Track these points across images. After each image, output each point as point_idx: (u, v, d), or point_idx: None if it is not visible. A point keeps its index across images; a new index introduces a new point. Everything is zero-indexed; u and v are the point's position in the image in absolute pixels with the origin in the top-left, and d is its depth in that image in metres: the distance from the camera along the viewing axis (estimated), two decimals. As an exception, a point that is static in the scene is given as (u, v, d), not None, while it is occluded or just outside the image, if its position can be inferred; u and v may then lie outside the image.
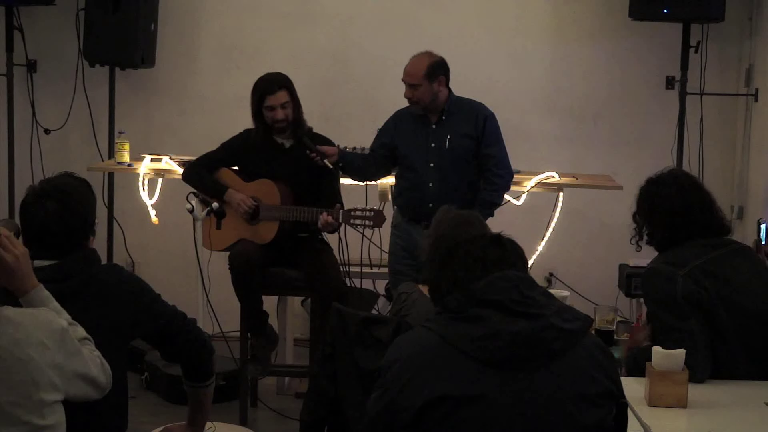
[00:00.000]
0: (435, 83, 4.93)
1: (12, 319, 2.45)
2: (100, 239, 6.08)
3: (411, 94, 4.96)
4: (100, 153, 6.44)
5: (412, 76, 4.95)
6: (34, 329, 2.46)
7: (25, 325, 2.45)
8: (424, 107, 4.98)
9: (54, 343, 2.47)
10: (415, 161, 5.02)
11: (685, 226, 3.38)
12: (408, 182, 5.07)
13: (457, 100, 5.05)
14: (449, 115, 5.01)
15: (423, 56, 4.98)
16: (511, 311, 2.36)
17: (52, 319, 2.52)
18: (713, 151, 6.30)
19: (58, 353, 2.47)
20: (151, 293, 3.01)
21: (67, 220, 2.83)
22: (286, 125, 4.92)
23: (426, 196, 4.95)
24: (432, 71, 4.92)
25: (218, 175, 5.05)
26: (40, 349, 2.44)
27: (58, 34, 6.43)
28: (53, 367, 2.46)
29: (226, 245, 5.04)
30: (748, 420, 2.93)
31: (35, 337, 2.44)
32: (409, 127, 5.05)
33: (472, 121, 5.00)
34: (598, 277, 6.05)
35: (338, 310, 3.29)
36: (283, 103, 4.89)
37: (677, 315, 3.22)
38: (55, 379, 2.46)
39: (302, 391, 5.19)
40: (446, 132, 4.99)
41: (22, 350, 2.41)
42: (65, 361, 2.49)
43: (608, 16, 6.28)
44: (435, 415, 2.32)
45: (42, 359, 2.43)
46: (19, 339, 2.42)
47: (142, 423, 4.67)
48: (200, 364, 3.14)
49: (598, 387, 2.39)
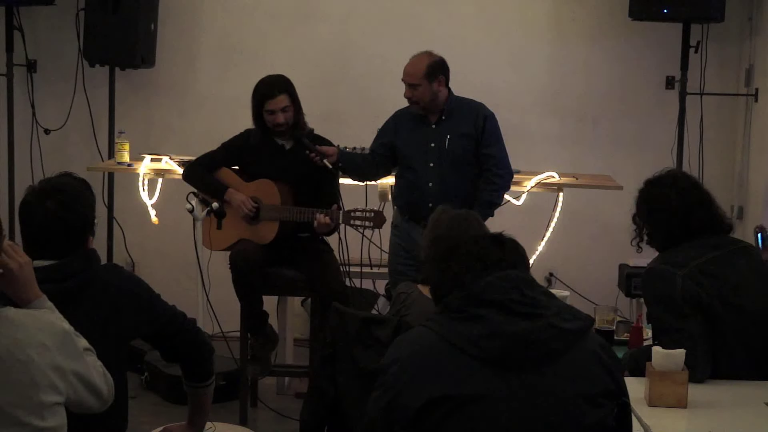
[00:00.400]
0: (435, 83, 4.93)
1: (13, 320, 2.44)
2: (100, 239, 6.11)
3: (410, 93, 4.96)
4: (100, 153, 6.44)
5: (411, 75, 4.95)
6: (36, 330, 2.45)
7: (27, 326, 2.45)
8: (423, 107, 4.98)
9: (55, 344, 2.46)
10: (414, 161, 5.02)
11: (685, 226, 3.38)
12: (408, 182, 5.07)
13: (457, 100, 5.05)
14: (449, 115, 5.01)
15: (423, 56, 4.98)
16: (511, 311, 2.36)
17: (54, 321, 2.52)
18: (713, 152, 6.30)
19: (59, 354, 2.46)
20: (150, 293, 3.01)
21: (66, 220, 2.82)
22: (286, 129, 4.92)
23: (426, 196, 4.95)
24: (432, 71, 4.92)
25: (218, 175, 5.05)
26: (40, 350, 2.43)
27: (58, 34, 6.43)
28: (54, 368, 2.45)
29: (226, 245, 5.04)
30: (748, 420, 2.93)
31: (36, 338, 2.44)
32: (409, 126, 5.05)
33: (471, 121, 5.00)
34: (598, 277, 6.05)
35: (338, 310, 3.29)
36: (284, 107, 4.89)
37: (677, 315, 3.22)
38: (55, 381, 2.45)
39: (302, 391, 5.19)
40: (446, 132, 4.99)
41: (22, 351, 2.41)
42: (66, 362, 2.48)
43: (608, 16, 6.28)
44: (435, 415, 2.33)
45: (42, 360, 2.43)
46: (20, 340, 2.42)
47: (142, 423, 4.66)
48: (200, 364, 3.14)
49: (600, 387, 2.39)
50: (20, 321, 2.45)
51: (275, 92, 4.88)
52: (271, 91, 4.88)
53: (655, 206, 3.44)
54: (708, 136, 6.26)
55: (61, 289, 2.75)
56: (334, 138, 5.19)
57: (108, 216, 6.35)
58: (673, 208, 3.39)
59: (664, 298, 3.26)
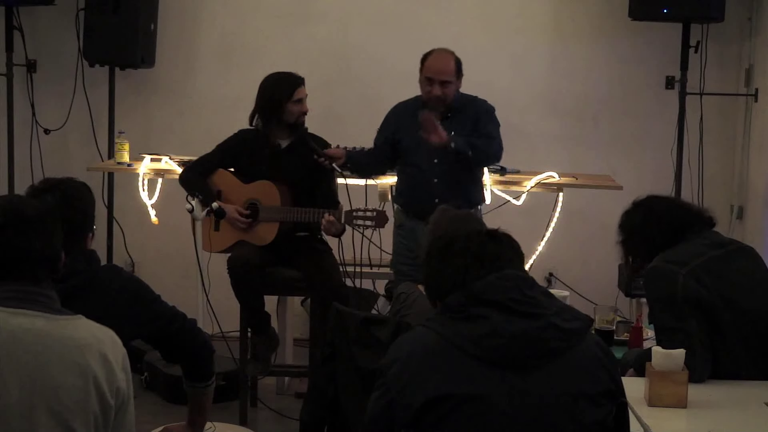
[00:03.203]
0: (460, 80, 4.94)
1: (77, 326, 2.35)
2: (100, 239, 6.12)
3: (441, 91, 4.90)
4: (99, 153, 6.44)
5: (445, 73, 4.90)
6: (99, 341, 2.35)
7: (93, 330, 2.36)
8: (446, 105, 4.96)
9: (117, 360, 2.37)
10: (419, 158, 5.00)
11: (662, 233, 3.39)
12: (412, 179, 5.05)
13: (461, 97, 5.04)
14: (455, 112, 4.99)
15: (448, 53, 4.96)
16: (512, 311, 2.37)
17: (118, 341, 2.42)
18: (713, 151, 6.30)
19: (121, 372, 2.37)
20: (150, 294, 3.01)
21: (65, 214, 2.83)
22: (303, 121, 4.95)
23: (432, 193, 4.92)
24: (459, 68, 4.94)
25: (216, 178, 5.03)
26: (101, 360, 2.32)
27: (58, 34, 6.43)
28: (109, 382, 2.33)
29: (225, 247, 5.03)
30: (748, 420, 2.93)
31: (99, 347, 2.34)
32: (411, 122, 4.98)
33: (471, 115, 4.99)
34: (598, 277, 6.05)
35: (338, 310, 3.29)
36: (306, 96, 4.95)
37: (677, 315, 3.22)
38: (108, 396, 2.33)
39: (302, 391, 5.19)
40: (450, 129, 4.96)
41: (81, 355, 2.31)
42: (124, 384, 2.38)
43: (608, 16, 6.28)
44: (435, 415, 2.33)
45: (100, 370, 2.32)
46: (81, 344, 2.31)
47: (142, 423, 4.63)
48: (200, 365, 3.14)
49: (599, 386, 2.39)
50: (89, 326, 2.38)
51: (301, 81, 4.93)
52: (298, 81, 4.93)
53: (627, 229, 3.48)
54: (708, 136, 6.26)
55: (60, 289, 2.74)
56: (334, 138, 5.18)
57: (108, 216, 6.35)
58: (641, 221, 3.44)
59: (665, 297, 3.26)
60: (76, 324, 2.36)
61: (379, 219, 4.75)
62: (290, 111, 4.90)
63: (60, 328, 2.32)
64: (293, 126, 4.94)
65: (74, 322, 2.36)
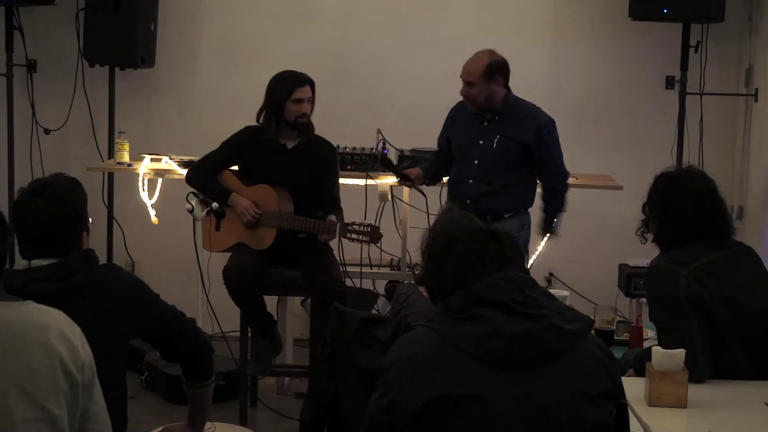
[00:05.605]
0: (492, 83, 4.92)
1: (36, 309, 2.40)
2: (100, 239, 6.14)
3: (466, 92, 4.95)
4: (99, 153, 6.44)
5: (469, 74, 4.93)
6: (58, 321, 2.40)
7: (50, 313, 2.41)
8: (477, 105, 4.97)
9: (76, 337, 2.41)
10: (463, 156, 5.05)
11: (695, 230, 3.35)
12: (454, 175, 5.13)
13: (514, 102, 5.04)
14: (503, 116, 4.99)
15: (484, 55, 4.96)
16: (513, 311, 2.36)
17: (71, 320, 2.46)
18: (713, 151, 6.30)
19: (82, 348, 2.41)
20: (150, 293, 3.01)
21: (57, 216, 2.83)
22: (306, 121, 4.92)
23: (465, 193, 4.97)
24: (490, 71, 4.91)
25: (221, 178, 5.03)
26: (61, 338, 2.37)
27: (58, 34, 6.43)
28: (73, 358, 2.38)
29: (225, 247, 5.03)
30: (748, 420, 2.93)
31: (58, 327, 2.38)
32: (464, 121, 5.07)
33: (525, 127, 4.99)
34: (598, 277, 6.04)
35: (338, 310, 3.29)
36: (309, 98, 4.92)
37: (678, 315, 3.22)
38: (73, 371, 2.37)
39: (302, 391, 5.19)
40: (496, 132, 4.97)
41: (45, 336, 2.35)
42: (87, 358, 2.42)
43: (608, 16, 6.28)
44: (436, 415, 2.33)
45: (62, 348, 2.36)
46: (43, 325, 2.36)
47: (142, 423, 4.67)
48: (200, 364, 3.14)
49: (599, 387, 2.39)
50: (43, 309, 2.41)
51: (304, 81, 4.91)
52: (301, 80, 4.91)
53: (671, 208, 3.40)
54: (708, 136, 6.26)
55: (60, 288, 2.75)
56: (334, 138, 5.18)
57: (108, 216, 6.34)
58: (687, 211, 3.35)
59: (666, 297, 3.26)
60: (29, 308, 2.39)
61: (373, 234, 4.76)
62: (289, 110, 4.89)
63: (18, 312, 2.36)
64: (297, 126, 4.93)
65: (26, 306, 2.39)
